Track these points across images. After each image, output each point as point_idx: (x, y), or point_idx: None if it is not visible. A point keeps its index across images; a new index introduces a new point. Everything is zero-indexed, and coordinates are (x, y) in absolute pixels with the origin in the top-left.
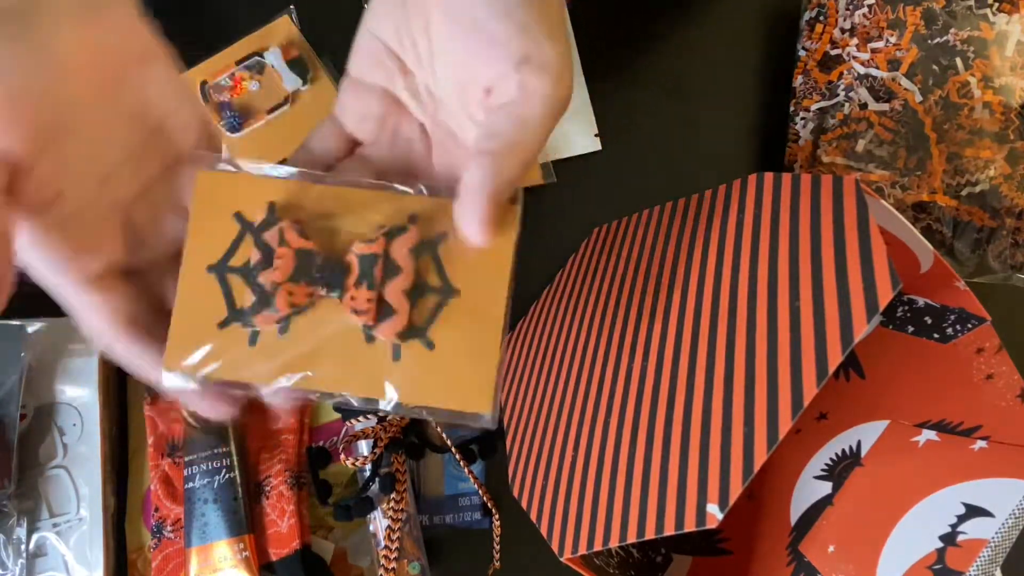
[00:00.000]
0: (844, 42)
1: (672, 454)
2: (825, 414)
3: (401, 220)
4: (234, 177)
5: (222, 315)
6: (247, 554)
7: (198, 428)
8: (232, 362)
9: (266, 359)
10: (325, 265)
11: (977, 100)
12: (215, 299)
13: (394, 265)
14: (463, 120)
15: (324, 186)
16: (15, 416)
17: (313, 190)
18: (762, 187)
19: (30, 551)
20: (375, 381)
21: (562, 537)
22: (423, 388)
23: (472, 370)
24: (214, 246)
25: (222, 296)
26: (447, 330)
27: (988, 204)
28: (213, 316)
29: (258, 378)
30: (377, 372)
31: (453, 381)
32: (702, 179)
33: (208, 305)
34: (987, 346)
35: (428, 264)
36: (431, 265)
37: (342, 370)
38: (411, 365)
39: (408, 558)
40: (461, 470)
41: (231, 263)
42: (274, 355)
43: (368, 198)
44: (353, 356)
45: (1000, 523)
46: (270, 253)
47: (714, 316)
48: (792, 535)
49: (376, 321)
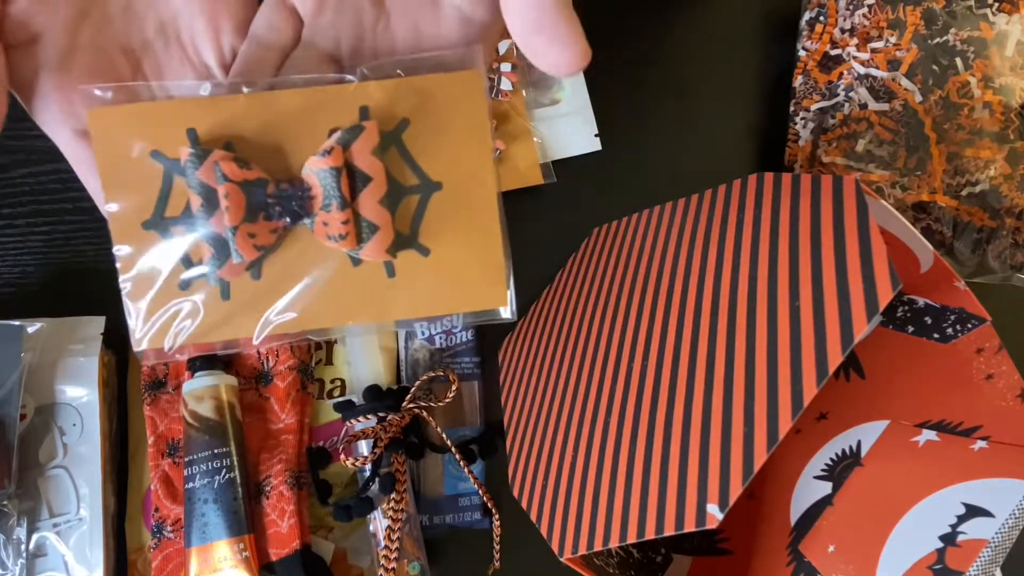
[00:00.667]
0: (844, 42)
1: (672, 454)
2: (825, 414)
3: (352, 117)
4: (135, 109)
5: (178, 274)
6: (247, 554)
7: (198, 428)
8: (210, 323)
9: (245, 310)
10: (280, 192)
11: (977, 100)
12: (166, 258)
13: (360, 174)
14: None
15: (249, 95)
16: (15, 416)
17: (237, 103)
18: (762, 187)
19: (30, 551)
20: (373, 305)
21: (562, 537)
22: (429, 298)
23: (478, 264)
24: (139, 197)
25: (172, 254)
26: (439, 229)
27: (988, 204)
28: (170, 278)
29: (242, 332)
30: (373, 295)
31: (460, 282)
32: (702, 179)
33: (160, 267)
34: (987, 346)
35: (397, 161)
36: (401, 161)
37: (333, 303)
38: (409, 277)
39: (408, 558)
40: (461, 470)
41: (168, 213)
42: (253, 303)
43: (306, 99)
44: (342, 284)
45: (1000, 523)
46: (211, 193)
47: (714, 316)
48: (792, 535)
49: (359, 243)
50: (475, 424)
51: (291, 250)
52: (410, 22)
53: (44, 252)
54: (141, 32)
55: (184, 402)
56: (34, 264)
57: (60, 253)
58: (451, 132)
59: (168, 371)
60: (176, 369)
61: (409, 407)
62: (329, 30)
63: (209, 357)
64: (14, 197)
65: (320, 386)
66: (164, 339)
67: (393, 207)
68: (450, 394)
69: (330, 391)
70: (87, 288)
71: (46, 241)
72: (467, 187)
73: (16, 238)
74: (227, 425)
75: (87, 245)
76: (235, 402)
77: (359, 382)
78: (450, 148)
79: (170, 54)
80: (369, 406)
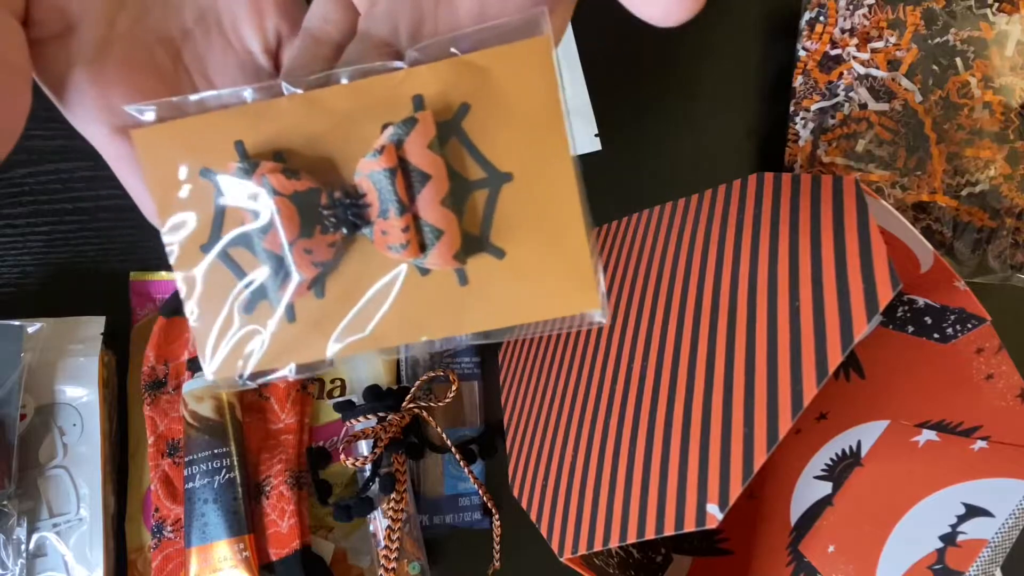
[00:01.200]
0: (844, 42)
1: (672, 454)
2: (825, 414)
3: (406, 109)
4: (180, 125)
5: (242, 297)
6: (247, 554)
7: (198, 428)
8: (278, 348)
9: (313, 331)
10: (334, 202)
11: (977, 100)
12: (228, 282)
13: (417, 172)
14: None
15: (293, 97)
16: (15, 416)
17: (280, 106)
18: (762, 187)
19: (30, 551)
20: (446, 317)
21: (562, 537)
22: (508, 306)
23: (562, 263)
24: (195, 219)
25: (234, 277)
26: (514, 226)
27: (988, 204)
28: (233, 302)
29: (312, 355)
30: (446, 306)
31: (543, 284)
32: (702, 179)
33: (223, 292)
34: (987, 346)
35: (459, 152)
36: (463, 153)
37: (403, 318)
38: (485, 284)
39: (408, 558)
40: (461, 470)
41: (224, 233)
42: (320, 323)
43: (354, 94)
44: (411, 297)
45: (1000, 523)
46: (265, 212)
47: (714, 316)
48: (792, 535)
49: (422, 251)
50: (475, 424)
51: (353, 263)
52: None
53: (44, 252)
54: (180, 21)
55: (184, 402)
56: (34, 264)
57: (60, 253)
58: (518, 113)
59: (168, 371)
60: (176, 369)
61: (409, 407)
62: (386, 17)
63: None
64: (14, 197)
65: (320, 386)
66: (234, 366)
67: (459, 207)
68: (450, 394)
69: (330, 391)
70: (87, 288)
71: (46, 241)
72: (542, 175)
73: (16, 238)
74: (227, 425)
75: (87, 245)
76: (235, 402)
77: (359, 382)
78: (519, 132)
79: (211, 42)
80: (369, 406)
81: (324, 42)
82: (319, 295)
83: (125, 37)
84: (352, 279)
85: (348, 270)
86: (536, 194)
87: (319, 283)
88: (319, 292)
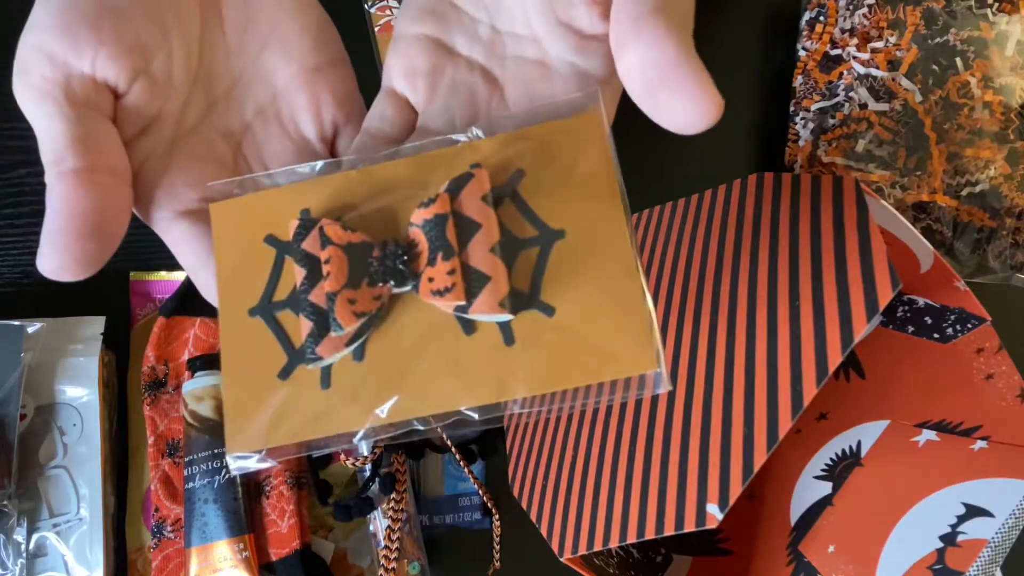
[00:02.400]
0: (844, 42)
1: (672, 454)
2: (825, 414)
3: (461, 171)
4: (253, 199)
5: (281, 362)
6: (247, 554)
7: (198, 428)
8: (308, 416)
9: (347, 399)
10: (386, 253)
11: (977, 100)
12: (269, 347)
13: (468, 221)
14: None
15: (360, 169)
16: (15, 416)
17: (347, 178)
18: (762, 187)
19: (30, 551)
20: (490, 380)
21: (562, 537)
22: (558, 367)
23: (617, 322)
24: (251, 285)
25: (276, 340)
26: (564, 284)
27: (988, 204)
28: (271, 368)
29: (344, 425)
30: (490, 368)
31: (596, 344)
32: (702, 179)
33: (262, 357)
34: (987, 346)
35: (512, 212)
36: (516, 212)
37: (443, 382)
38: (532, 344)
39: (408, 558)
40: (461, 470)
41: (276, 298)
42: (356, 391)
43: (415, 165)
44: (454, 359)
45: (1000, 523)
46: (316, 264)
47: (714, 316)
48: (792, 535)
49: (468, 297)
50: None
51: (396, 325)
52: (524, 89)
53: None
54: (241, 115)
55: (184, 402)
56: (34, 264)
57: None
58: (573, 179)
59: (168, 371)
60: (176, 369)
61: None
62: (443, 112)
63: (209, 357)
64: (15, 197)
65: None
66: (261, 438)
67: (509, 261)
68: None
69: None
70: (87, 288)
71: None
72: (595, 232)
73: (17, 238)
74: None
75: None
76: None
77: None
78: (572, 195)
79: (269, 132)
80: None
81: (383, 139)
82: (358, 358)
83: (192, 133)
84: (393, 340)
85: (390, 331)
86: (591, 252)
87: (359, 347)
88: (358, 355)
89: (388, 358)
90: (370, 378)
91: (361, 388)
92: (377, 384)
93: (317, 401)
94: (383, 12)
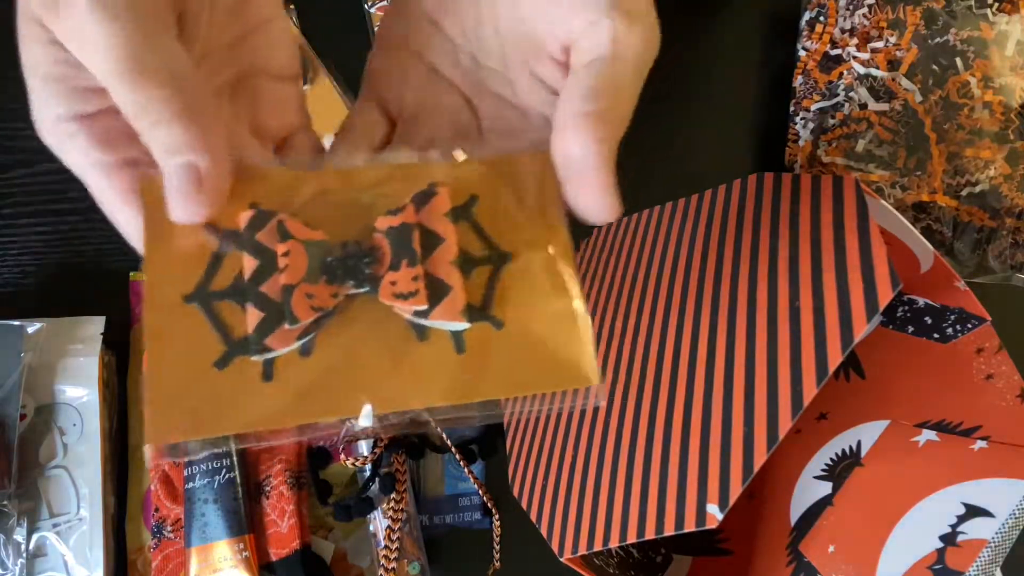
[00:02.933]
0: (844, 42)
1: (672, 454)
2: (825, 414)
3: (424, 186)
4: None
5: (217, 352)
6: (247, 554)
7: None
8: (243, 410)
9: (291, 394)
10: (347, 255)
11: (977, 100)
12: (204, 335)
13: (433, 234)
14: (521, 82)
15: (321, 172)
16: (15, 416)
17: (307, 179)
18: (762, 187)
19: (30, 551)
20: (438, 385)
21: (562, 537)
22: (505, 376)
23: (560, 338)
24: (185, 270)
25: (212, 330)
26: (512, 301)
27: (988, 204)
28: (205, 357)
29: (286, 420)
30: (439, 374)
31: (539, 357)
32: (702, 179)
33: (195, 345)
34: (987, 346)
35: (467, 231)
36: (471, 232)
37: (391, 383)
38: (481, 354)
39: (408, 558)
40: (461, 470)
41: (214, 287)
42: (299, 386)
43: (377, 175)
44: (404, 362)
45: (1000, 523)
46: (271, 256)
47: (714, 316)
48: (792, 535)
49: (430, 303)
50: (475, 424)
51: (348, 325)
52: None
53: (44, 252)
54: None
55: None
56: (34, 264)
57: (60, 253)
58: (521, 209)
59: None
60: None
61: None
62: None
63: None
64: (14, 197)
65: None
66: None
67: (465, 276)
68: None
69: None
70: (87, 288)
71: (46, 241)
72: (541, 257)
73: (16, 238)
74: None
75: (87, 245)
76: None
77: None
78: (520, 223)
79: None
80: None
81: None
82: (304, 353)
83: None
84: (344, 340)
85: (341, 330)
86: (536, 275)
87: (309, 340)
88: (304, 350)
89: (337, 357)
90: (317, 374)
91: (306, 384)
92: (324, 381)
93: (257, 395)
94: (383, 12)
